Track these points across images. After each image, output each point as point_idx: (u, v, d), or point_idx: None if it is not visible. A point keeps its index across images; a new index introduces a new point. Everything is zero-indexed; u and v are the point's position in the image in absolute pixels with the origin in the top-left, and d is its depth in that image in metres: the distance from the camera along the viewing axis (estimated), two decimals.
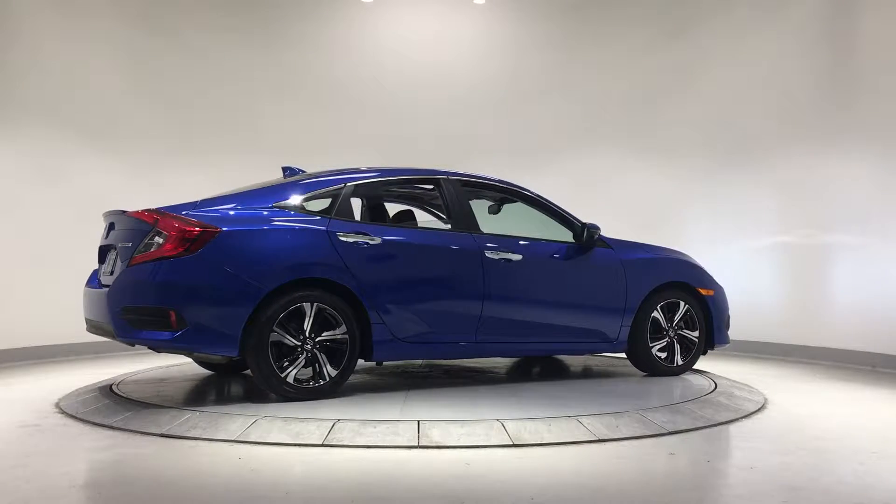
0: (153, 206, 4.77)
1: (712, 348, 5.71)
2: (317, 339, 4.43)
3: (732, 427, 4.22)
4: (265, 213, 4.49)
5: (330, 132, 8.44)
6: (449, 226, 5.08)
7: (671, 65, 8.34)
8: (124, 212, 4.65)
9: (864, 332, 6.81)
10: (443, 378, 5.43)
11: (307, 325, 4.38)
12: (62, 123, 7.28)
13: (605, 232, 5.44)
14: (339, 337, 4.48)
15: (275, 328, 4.29)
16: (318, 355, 4.44)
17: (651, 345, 5.44)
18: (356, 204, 5.82)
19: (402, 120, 8.53)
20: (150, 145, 7.85)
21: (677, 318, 5.53)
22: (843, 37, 7.21)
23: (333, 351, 4.51)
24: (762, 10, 7.85)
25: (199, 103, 8.11)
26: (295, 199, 4.60)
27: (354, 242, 4.54)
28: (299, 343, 4.39)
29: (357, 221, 4.76)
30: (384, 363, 5.93)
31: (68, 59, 7.36)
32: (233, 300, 4.22)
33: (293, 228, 4.46)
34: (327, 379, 4.46)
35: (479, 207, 5.92)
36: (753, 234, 7.74)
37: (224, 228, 4.27)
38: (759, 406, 4.76)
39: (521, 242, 5.14)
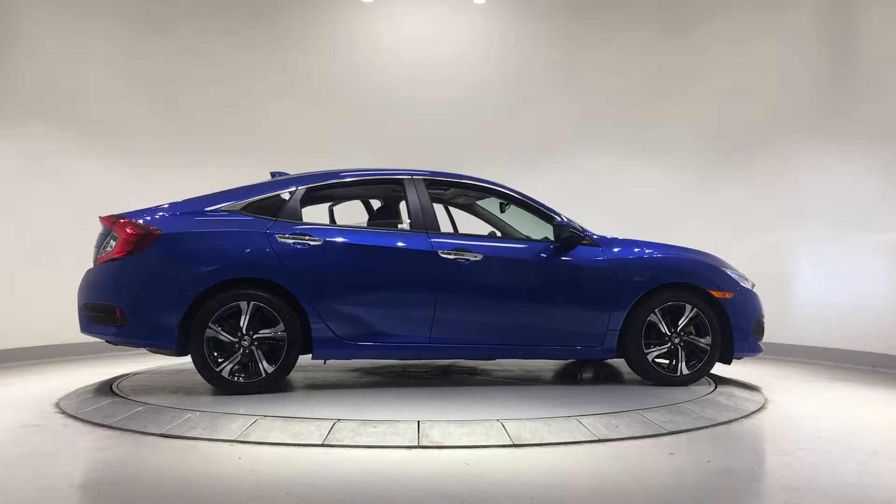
0: (152, 206, 5.01)
1: (735, 357, 5.19)
2: (254, 337, 4.64)
3: (732, 427, 4.21)
4: (212, 216, 4.78)
5: (330, 132, 8.44)
6: (407, 226, 5.08)
7: (671, 65, 8.35)
8: (100, 217, 5.00)
9: (863, 332, 6.81)
10: (443, 378, 5.43)
11: (243, 322, 4.62)
12: (62, 123, 7.28)
13: (605, 231, 5.42)
14: (277, 335, 4.67)
15: (210, 325, 4.57)
16: (255, 352, 4.65)
17: (647, 351, 5.06)
18: (377, 204, 5.88)
19: (402, 120, 8.53)
20: (150, 145, 7.85)
21: (682, 322, 5.09)
22: (843, 37, 7.21)
23: (275, 348, 4.69)
24: (762, 10, 7.85)
25: (199, 103, 8.11)
26: (243, 203, 4.85)
27: (294, 243, 4.70)
28: (236, 340, 4.62)
29: (302, 223, 4.83)
30: (368, 363, 5.97)
31: (68, 58, 7.36)
32: (169, 298, 4.57)
33: (231, 231, 4.71)
34: (263, 375, 4.65)
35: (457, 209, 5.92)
36: (752, 233, 7.74)
37: (166, 231, 4.63)
38: (759, 406, 4.76)
39: (484, 242, 5.03)
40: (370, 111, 8.54)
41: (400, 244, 4.87)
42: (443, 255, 4.83)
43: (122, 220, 4.73)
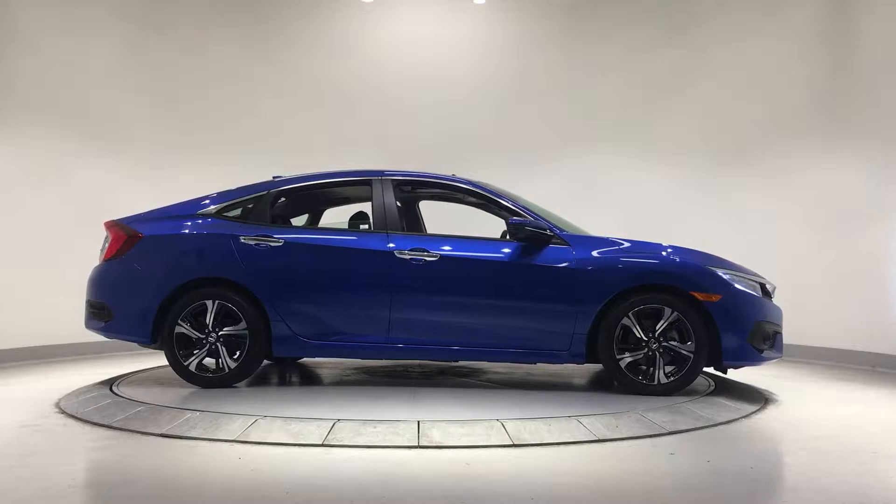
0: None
1: (727, 366, 4.84)
2: (220, 333, 4.90)
3: (732, 427, 4.21)
4: (187, 220, 5.10)
5: (329, 132, 8.44)
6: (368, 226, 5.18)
7: (671, 65, 8.34)
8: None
9: (863, 331, 6.81)
10: (442, 378, 5.43)
11: (209, 319, 4.90)
12: (62, 123, 7.28)
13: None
14: (240, 332, 4.89)
15: (179, 321, 4.89)
16: (220, 348, 4.90)
17: (619, 357, 4.72)
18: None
19: (402, 120, 8.52)
20: (150, 144, 7.84)
21: (660, 326, 4.70)
22: (843, 37, 7.21)
23: (240, 344, 4.92)
24: (762, 10, 7.85)
25: (198, 102, 8.10)
26: (217, 207, 5.13)
27: (256, 244, 4.93)
28: (203, 336, 4.90)
29: (268, 225, 5.04)
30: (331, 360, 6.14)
31: (68, 58, 7.35)
32: (144, 296, 4.95)
33: (200, 233, 5.03)
34: (226, 370, 4.89)
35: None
36: (751, 233, 7.74)
37: (145, 234, 5.04)
38: (759, 406, 4.76)
39: (445, 242, 4.95)
40: (370, 111, 8.53)
41: (357, 244, 4.93)
42: (398, 255, 4.84)
43: (115, 225, 5.17)
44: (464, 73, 8.66)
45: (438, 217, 6.23)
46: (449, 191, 5.42)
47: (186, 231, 5.05)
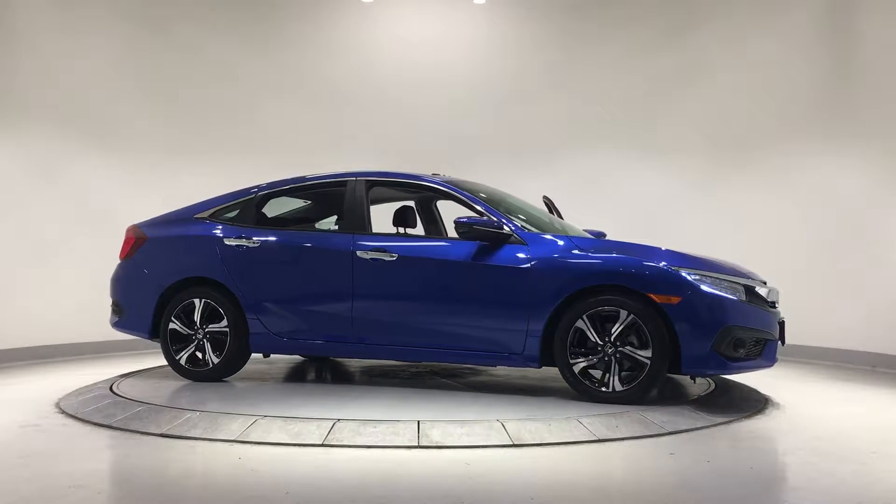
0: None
1: (685, 373, 4.46)
2: (206, 330, 5.17)
3: (732, 427, 4.21)
4: (185, 223, 5.42)
5: (330, 132, 8.43)
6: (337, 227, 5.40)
7: (671, 65, 8.34)
8: None
9: (863, 331, 6.81)
10: (442, 378, 5.43)
11: (196, 317, 5.18)
12: (62, 123, 7.27)
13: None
14: (222, 329, 5.15)
15: (172, 318, 5.20)
16: (205, 344, 5.18)
17: (573, 362, 4.48)
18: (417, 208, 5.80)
19: (403, 120, 8.52)
20: (150, 144, 7.84)
21: (615, 330, 4.38)
22: (844, 36, 7.21)
23: (224, 341, 5.15)
24: (762, 9, 7.85)
25: (199, 102, 8.10)
26: (211, 210, 5.41)
27: (237, 246, 5.16)
28: (192, 332, 5.19)
29: (249, 227, 5.24)
30: (324, 360, 6.22)
31: (68, 58, 7.34)
32: (144, 295, 5.32)
33: (191, 235, 5.33)
34: (210, 365, 5.15)
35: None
36: (751, 233, 7.74)
37: (149, 237, 5.43)
38: (760, 406, 4.76)
39: (405, 242, 4.97)
40: (370, 111, 8.53)
41: (324, 245, 5.05)
42: (360, 256, 4.88)
43: (130, 227, 5.57)
44: (464, 73, 8.66)
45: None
46: (421, 190, 5.47)
47: (181, 233, 5.37)
